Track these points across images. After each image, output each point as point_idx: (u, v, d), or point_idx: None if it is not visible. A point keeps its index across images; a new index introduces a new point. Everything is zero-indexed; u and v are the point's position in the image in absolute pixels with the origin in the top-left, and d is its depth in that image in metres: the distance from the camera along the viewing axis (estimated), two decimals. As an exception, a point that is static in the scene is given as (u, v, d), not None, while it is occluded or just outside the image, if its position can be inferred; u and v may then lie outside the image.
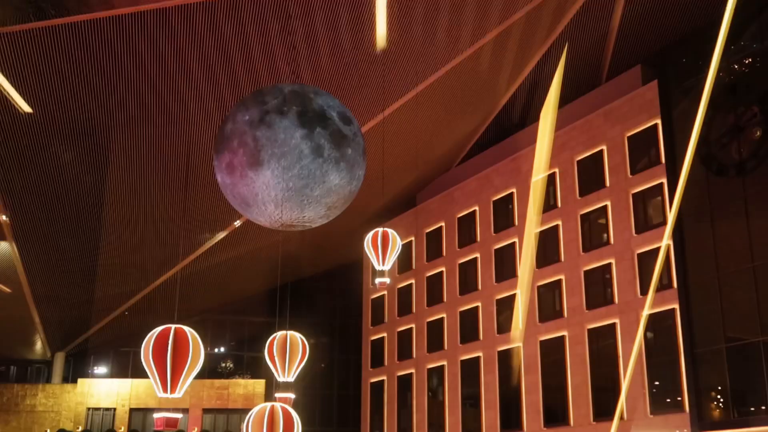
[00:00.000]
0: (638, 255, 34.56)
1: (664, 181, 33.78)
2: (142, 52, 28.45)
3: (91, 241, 42.45)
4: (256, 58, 29.34)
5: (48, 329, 54.10)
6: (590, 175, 37.71)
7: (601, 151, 37.32)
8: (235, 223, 43.41)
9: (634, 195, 35.41)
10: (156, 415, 17.81)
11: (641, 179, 35.20)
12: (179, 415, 17.63)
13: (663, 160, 34.05)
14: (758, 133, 30.54)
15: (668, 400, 32.68)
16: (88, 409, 53.60)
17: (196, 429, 51.31)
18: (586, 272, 37.02)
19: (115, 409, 53.37)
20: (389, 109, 35.91)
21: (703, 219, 31.81)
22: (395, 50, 32.03)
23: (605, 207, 36.62)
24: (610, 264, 35.86)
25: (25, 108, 30.64)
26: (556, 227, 38.84)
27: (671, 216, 31.80)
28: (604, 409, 34.40)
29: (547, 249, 38.87)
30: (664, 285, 32.68)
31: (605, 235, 36.53)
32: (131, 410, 53.22)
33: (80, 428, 51.96)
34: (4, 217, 38.57)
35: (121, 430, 51.49)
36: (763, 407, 28.78)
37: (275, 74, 29.73)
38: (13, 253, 42.33)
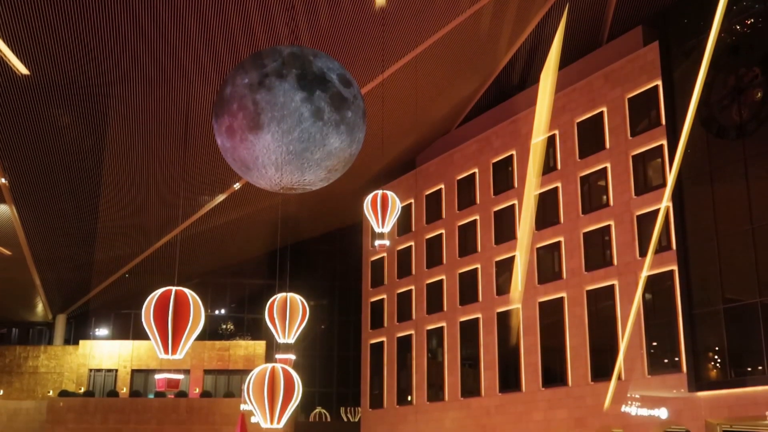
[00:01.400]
0: (637, 217, 34.61)
1: (664, 142, 33.72)
2: (139, 13, 28.23)
3: (91, 203, 42.49)
4: (253, 18, 29.11)
5: (49, 291, 54.37)
6: (590, 137, 37.63)
7: (602, 112, 37.21)
8: (235, 186, 43.41)
9: (633, 157, 35.37)
10: (158, 376, 18.01)
11: (641, 141, 35.14)
12: (180, 376, 17.82)
13: (663, 121, 33.96)
14: (759, 94, 30.42)
15: (666, 361, 32.95)
16: (90, 370, 54.07)
17: (197, 389, 51.78)
18: (586, 234, 37.11)
19: (116, 370, 53.83)
20: (389, 71, 35.73)
21: (703, 181, 31.82)
22: (394, 10, 31.79)
23: (605, 169, 36.60)
24: (609, 226, 35.93)
25: (22, 70, 30.46)
26: (555, 189, 38.85)
27: (671, 178, 31.80)
28: (602, 369, 34.69)
29: (547, 211, 38.91)
30: (662, 247, 32.78)
31: (605, 197, 36.56)
32: (133, 371, 53.70)
33: (82, 389, 52.44)
34: (3, 180, 38.55)
35: (123, 390, 51.97)
36: (760, 367, 29.03)
37: (273, 35, 29.52)
38: (12, 216, 42.39)
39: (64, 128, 35.94)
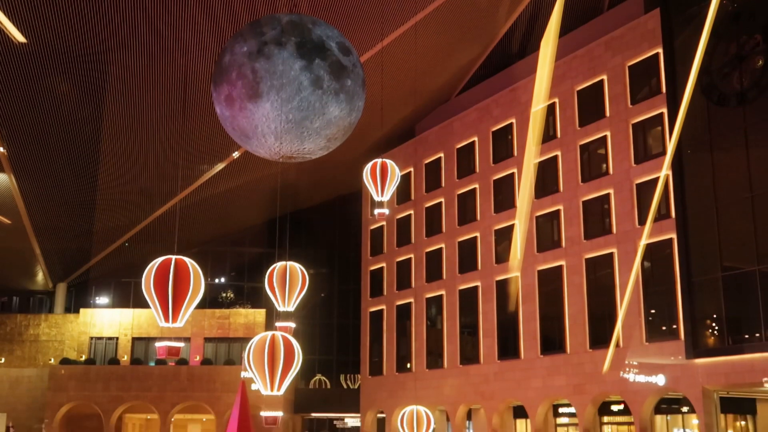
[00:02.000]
0: (637, 185, 34.60)
1: (665, 111, 33.61)
2: (136, -20, 28.00)
3: (90, 172, 42.45)
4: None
5: (49, 260, 54.48)
6: (590, 105, 37.50)
7: (602, 80, 37.05)
8: (234, 154, 43.33)
9: (634, 125, 35.28)
10: (158, 344, 18.09)
11: (641, 109, 35.03)
12: (181, 344, 17.89)
13: (664, 89, 33.82)
14: (760, 62, 30.27)
15: (663, 328, 33.12)
16: (91, 338, 54.35)
17: (198, 357, 52.09)
18: (585, 202, 37.12)
19: (117, 338, 54.11)
20: (388, 39, 35.52)
21: (703, 149, 31.76)
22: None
23: (605, 137, 36.52)
24: (608, 194, 35.93)
25: (19, 38, 30.27)
26: (555, 158, 38.80)
27: (671, 146, 31.75)
28: (600, 337, 34.88)
29: (546, 179, 38.89)
30: (662, 215, 32.80)
31: (604, 166, 36.52)
32: (133, 339, 53.98)
33: (84, 357, 52.74)
34: (1, 149, 38.48)
35: (125, 358, 52.29)
36: (758, 334, 29.18)
37: (272, 2, 29.32)
38: (11, 185, 42.36)
39: (62, 96, 35.79)
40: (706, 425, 30.59)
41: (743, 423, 33.51)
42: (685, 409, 33.15)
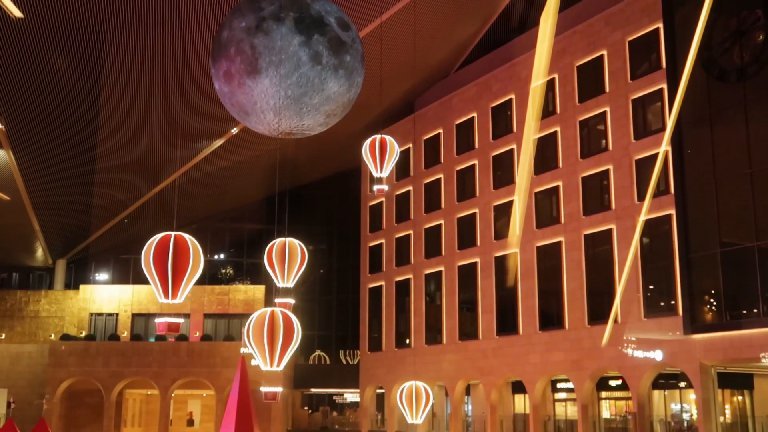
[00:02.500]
0: (636, 161, 34.55)
1: (664, 86, 33.49)
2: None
3: (88, 148, 42.36)
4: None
5: (48, 236, 54.50)
6: (590, 81, 37.37)
7: (602, 56, 36.89)
8: (233, 130, 43.23)
9: (633, 101, 35.18)
10: (158, 320, 18.13)
11: (641, 84, 34.91)
12: (181, 320, 17.94)
13: (664, 65, 33.68)
14: (761, 37, 30.12)
15: (662, 304, 33.21)
16: (91, 314, 54.50)
17: (197, 333, 52.26)
18: (584, 178, 37.09)
19: (117, 314, 54.27)
20: (387, 14, 35.32)
21: (702, 124, 31.69)
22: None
23: (604, 113, 36.42)
24: (607, 170, 35.89)
25: (16, 13, 30.09)
26: (554, 133, 38.72)
27: (670, 122, 31.66)
28: (598, 312, 34.97)
29: (545, 155, 38.83)
30: (661, 191, 32.78)
31: (604, 141, 36.46)
32: (133, 315, 54.14)
33: (84, 333, 52.91)
34: (-1, 125, 38.37)
35: (125, 334, 52.45)
36: (755, 310, 29.28)
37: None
38: (10, 161, 42.29)
39: (59, 72, 35.64)
40: (704, 400, 30.77)
41: (740, 398, 33.71)
42: (682, 384, 33.32)
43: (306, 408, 56.75)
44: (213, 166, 47.74)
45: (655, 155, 32.60)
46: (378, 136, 25.66)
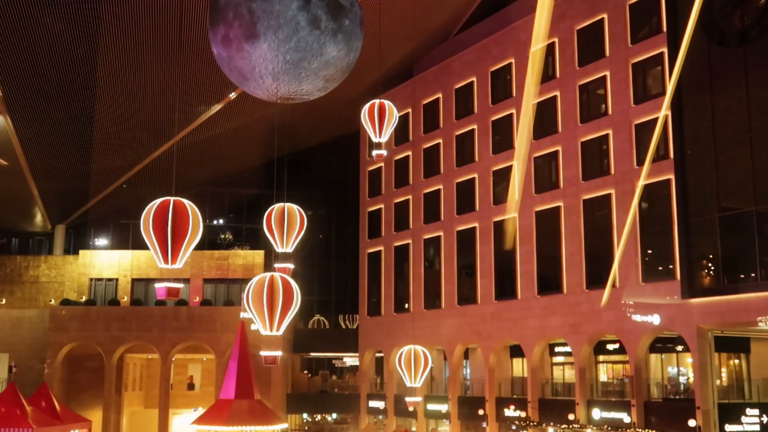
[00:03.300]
0: (636, 125, 34.47)
1: (665, 50, 33.30)
2: None
3: (86, 112, 42.20)
4: None
5: (47, 202, 54.49)
6: (590, 45, 37.15)
7: (602, 19, 36.63)
8: (231, 95, 43.06)
9: (633, 65, 35.00)
10: (158, 285, 18.17)
11: (642, 48, 34.71)
12: (180, 285, 17.98)
13: (664, 28, 33.46)
14: (762, 0, 29.89)
15: (660, 268, 33.32)
16: (91, 279, 54.66)
17: (197, 298, 52.46)
18: (583, 143, 37.02)
19: (117, 279, 54.42)
20: (386, -23, 34.99)
21: (703, 89, 31.56)
22: None
23: (604, 77, 36.26)
24: (607, 135, 35.82)
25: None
26: (554, 98, 38.57)
27: (670, 86, 31.54)
28: (596, 277, 35.10)
29: (545, 120, 38.71)
30: (660, 155, 32.74)
31: (603, 106, 36.33)
32: (133, 280, 54.30)
33: (84, 298, 53.11)
34: (-4, 90, 38.19)
35: (124, 299, 52.65)
36: (753, 274, 29.40)
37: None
38: (7, 126, 42.15)
39: (56, 36, 35.37)
40: (700, 364, 31.00)
41: (737, 362, 33.94)
42: (679, 348, 33.54)
43: (305, 372, 57.17)
44: (211, 132, 47.61)
45: (655, 120, 32.52)
46: (377, 101, 25.56)
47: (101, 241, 60.03)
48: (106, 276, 54.61)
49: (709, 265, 31.35)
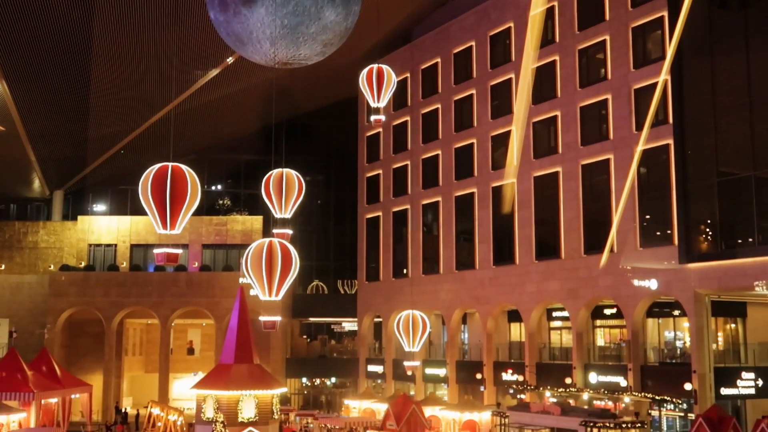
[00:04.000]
0: (635, 90, 34.32)
1: (665, 14, 33.05)
2: None
3: (83, 78, 41.97)
4: None
5: (45, 167, 54.40)
6: (589, 9, 36.86)
7: (602, -17, 36.31)
8: (228, 60, 42.81)
9: (633, 29, 34.75)
10: (157, 251, 18.22)
11: (641, 12, 34.45)
12: (179, 251, 18.02)
13: (665, -8, 33.16)
14: (764, -37, 29.62)
15: (658, 234, 33.39)
16: (90, 245, 54.72)
17: (196, 263, 52.58)
18: (582, 108, 36.89)
19: (116, 245, 54.48)
20: (384, -60, 34.62)
21: (703, 53, 31.38)
22: None
23: (604, 41, 36.03)
24: (606, 100, 35.68)
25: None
26: (553, 62, 38.37)
27: (670, 50, 31.36)
28: (594, 242, 35.18)
29: (544, 85, 38.54)
30: (659, 120, 32.65)
31: (603, 71, 36.15)
32: (132, 246, 54.36)
33: (83, 264, 53.22)
34: (-8, 55, 37.94)
35: (123, 265, 52.77)
36: (750, 239, 29.46)
37: None
38: (4, 92, 41.96)
39: (51, 0, 35.07)
40: (697, 328, 31.19)
41: (733, 326, 34.14)
42: (676, 312, 33.71)
43: (304, 337, 57.51)
44: (209, 97, 47.40)
45: (654, 84, 32.39)
46: (375, 66, 25.41)
47: (99, 207, 60.03)
48: (105, 242, 54.66)
49: (707, 230, 31.41)
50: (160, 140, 49.40)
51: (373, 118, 28.71)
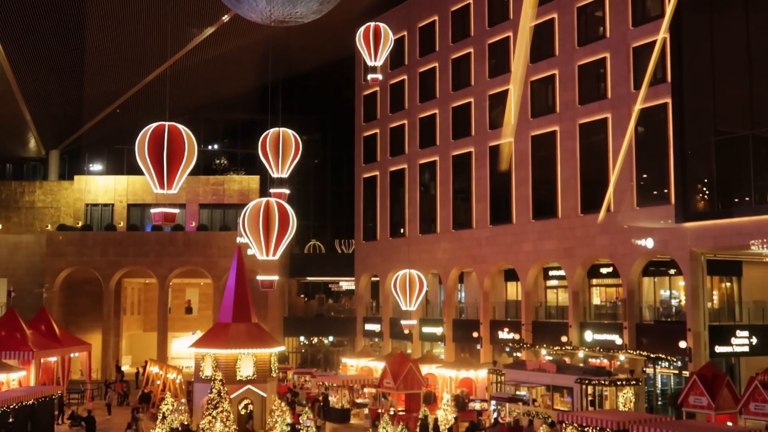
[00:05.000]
0: (634, 49, 34.10)
1: (665, -29, 32.74)
2: None
3: (78, 36, 41.62)
4: None
5: (40, 127, 54.16)
6: (588, -34, 36.47)
7: (601, -61, 35.90)
8: (224, 18, 42.44)
9: (632, -14, 34.45)
10: (154, 210, 18.24)
11: (641, -30, 34.11)
12: (176, 210, 18.05)
13: (664, -51, 32.84)
14: None
15: (655, 193, 33.41)
16: (87, 205, 54.70)
17: (193, 223, 52.63)
18: (580, 67, 36.69)
19: (113, 204, 54.46)
20: None
21: (702, 11, 31.13)
22: None
23: (602, -1, 35.73)
24: (604, 58, 35.47)
25: None
26: (551, 21, 38.06)
27: (669, 8, 31.07)
28: (591, 201, 35.19)
29: (542, 43, 38.26)
30: (658, 79, 32.49)
31: (601, 29, 35.88)
32: (129, 206, 54.35)
33: (80, 223, 53.23)
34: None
35: (121, 224, 52.80)
36: (747, 198, 29.49)
37: None
38: (-2, 50, 41.62)
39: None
40: (692, 287, 31.36)
41: (728, 284, 34.33)
42: (672, 271, 33.87)
43: (302, 296, 57.77)
44: (205, 56, 47.05)
45: (653, 43, 32.14)
46: (372, 24, 25.23)
47: (96, 167, 59.90)
48: (102, 201, 54.62)
49: (704, 189, 31.42)
50: (156, 99, 49.13)
51: (369, 77, 28.53)
